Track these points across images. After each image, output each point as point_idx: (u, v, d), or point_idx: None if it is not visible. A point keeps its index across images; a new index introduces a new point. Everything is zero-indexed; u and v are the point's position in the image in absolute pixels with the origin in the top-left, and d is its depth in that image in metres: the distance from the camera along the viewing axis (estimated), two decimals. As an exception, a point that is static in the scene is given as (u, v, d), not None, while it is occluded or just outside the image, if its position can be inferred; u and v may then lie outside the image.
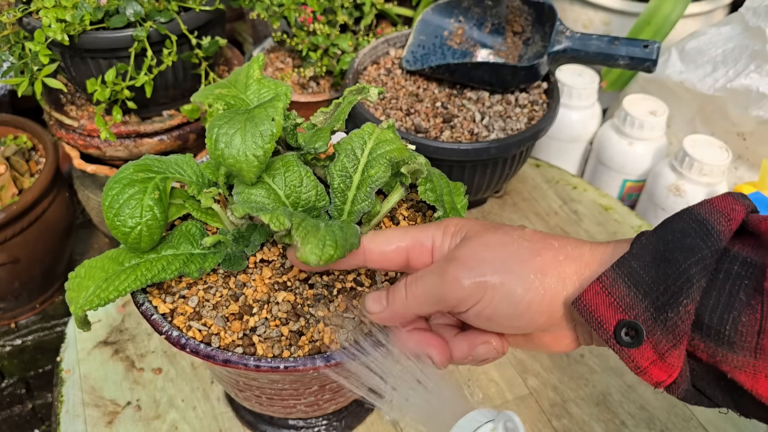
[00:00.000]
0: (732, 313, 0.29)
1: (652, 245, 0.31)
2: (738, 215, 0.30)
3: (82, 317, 0.41)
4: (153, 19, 0.70)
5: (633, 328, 0.30)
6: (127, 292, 0.40)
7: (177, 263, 0.41)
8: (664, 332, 0.30)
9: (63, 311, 0.91)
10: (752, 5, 0.78)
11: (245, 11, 1.08)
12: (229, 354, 0.39)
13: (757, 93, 0.75)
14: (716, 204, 0.31)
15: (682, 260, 0.30)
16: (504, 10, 0.78)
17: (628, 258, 0.31)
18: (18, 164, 0.82)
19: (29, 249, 0.81)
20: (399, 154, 0.42)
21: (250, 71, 0.47)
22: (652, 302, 0.30)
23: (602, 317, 0.31)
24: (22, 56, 0.69)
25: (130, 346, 0.69)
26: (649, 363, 0.30)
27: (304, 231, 0.35)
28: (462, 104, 0.74)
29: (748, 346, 0.28)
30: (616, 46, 0.69)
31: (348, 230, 0.37)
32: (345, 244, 0.35)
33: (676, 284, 0.29)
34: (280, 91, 0.46)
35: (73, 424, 0.62)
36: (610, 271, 0.31)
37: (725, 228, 0.30)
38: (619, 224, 0.82)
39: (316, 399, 0.49)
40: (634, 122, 0.85)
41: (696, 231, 0.30)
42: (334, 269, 0.43)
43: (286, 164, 0.42)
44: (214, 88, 0.46)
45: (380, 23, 0.97)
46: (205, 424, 0.61)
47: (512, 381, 0.65)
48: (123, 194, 0.40)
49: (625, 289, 0.31)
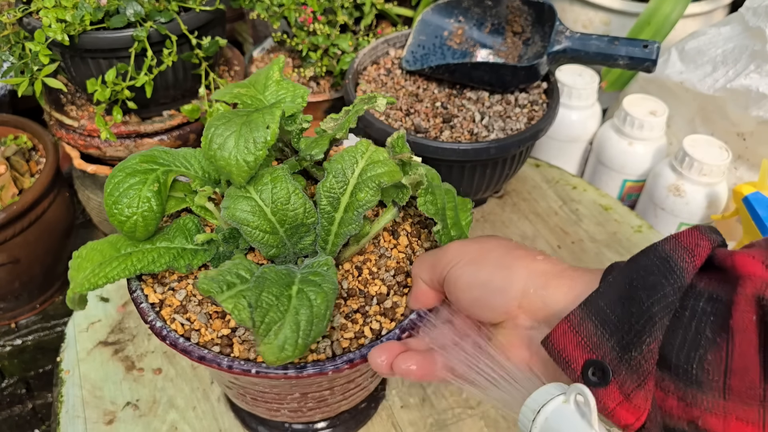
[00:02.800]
0: (698, 351, 0.28)
1: (618, 283, 0.31)
2: (703, 251, 0.30)
3: (74, 298, 0.42)
4: (153, 19, 0.70)
5: (599, 368, 0.30)
6: (116, 280, 0.41)
7: (168, 257, 0.42)
8: (629, 372, 0.29)
9: (63, 311, 0.91)
10: (752, 5, 0.78)
11: (245, 11, 1.08)
12: (205, 352, 0.40)
13: (757, 93, 0.75)
14: (682, 239, 0.31)
15: (645, 298, 0.29)
16: (504, 10, 0.78)
17: (595, 297, 0.31)
18: (18, 164, 0.82)
19: (29, 249, 0.81)
20: (390, 178, 0.41)
21: (270, 72, 0.47)
22: (617, 341, 0.30)
23: (569, 357, 0.31)
24: (23, 56, 0.69)
25: (130, 346, 0.69)
26: (615, 404, 0.30)
27: (265, 328, 0.35)
28: (462, 104, 0.74)
29: (716, 385, 0.28)
30: (616, 46, 0.69)
31: (320, 306, 0.36)
32: (307, 339, 0.35)
33: (639, 323, 0.29)
34: (298, 93, 0.46)
35: (73, 424, 0.62)
36: (578, 310, 0.31)
37: (689, 265, 0.30)
38: (619, 224, 0.82)
39: (299, 406, 0.49)
40: (634, 122, 0.85)
41: (659, 268, 0.30)
42: None
43: (275, 179, 0.41)
44: (234, 86, 0.47)
45: (380, 23, 0.97)
46: (205, 424, 0.61)
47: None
48: (124, 183, 0.41)
49: (593, 328, 0.30)
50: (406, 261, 0.46)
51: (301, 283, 0.38)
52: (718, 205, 0.80)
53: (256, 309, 0.35)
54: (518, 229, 0.82)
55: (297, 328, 0.35)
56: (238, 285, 0.38)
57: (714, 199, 0.80)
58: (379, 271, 0.45)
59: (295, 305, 0.36)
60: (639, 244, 0.79)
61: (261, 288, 0.36)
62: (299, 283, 0.38)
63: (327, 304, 0.36)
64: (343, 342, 0.40)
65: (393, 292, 0.44)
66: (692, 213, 0.81)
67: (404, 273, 0.45)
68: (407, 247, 0.47)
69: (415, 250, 0.47)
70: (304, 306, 0.36)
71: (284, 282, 0.37)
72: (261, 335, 0.34)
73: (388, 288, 0.44)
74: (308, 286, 0.37)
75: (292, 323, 0.35)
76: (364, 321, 0.42)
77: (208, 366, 0.39)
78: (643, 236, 0.80)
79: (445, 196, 0.45)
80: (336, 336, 0.41)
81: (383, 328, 0.41)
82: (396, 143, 0.46)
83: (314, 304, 0.36)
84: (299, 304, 0.36)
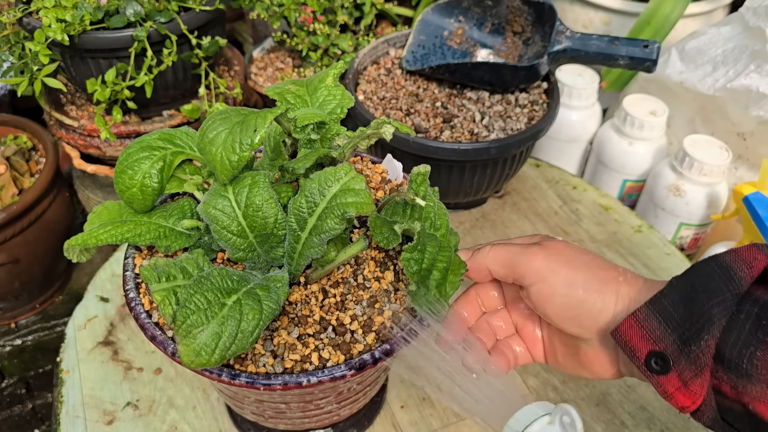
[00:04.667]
0: (749, 348, 0.32)
1: (681, 286, 0.35)
2: (760, 263, 0.34)
3: (68, 248, 0.43)
4: (153, 19, 0.70)
5: (661, 358, 0.34)
6: (103, 243, 0.43)
7: (154, 234, 0.43)
8: (688, 363, 0.34)
9: (63, 311, 0.91)
10: (752, 5, 0.78)
11: (245, 11, 1.08)
12: (158, 333, 0.40)
13: (757, 93, 0.75)
14: (741, 253, 0.35)
15: (705, 301, 0.33)
16: (504, 10, 0.78)
17: (660, 297, 0.35)
18: (18, 164, 0.82)
19: (29, 249, 0.81)
20: (357, 210, 0.38)
21: (324, 76, 0.47)
22: (678, 336, 0.34)
23: (635, 347, 0.35)
24: (22, 56, 0.69)
25: (129, 346, 0.69)
26: (674, 389, 0.34)
27: (186, 330, 0.35)
28: (462, 104, 0.74)
29: (763, 378, 0.32)
30: (616, 46, 0.69)
31: (249, 323, 0.35)
32: (225, 353, 0.35)
33: (700, 322, 0.33)
34: (342, 102, 0.46)
35: (73, 424, 0.62)
36: (644, 307, 0.35)
37: (746, 275, 0.33)
38: (619, 224, 0.82)
39: (281, 411, 0.48)
40: (634, 122, 0.85)
41: (720, 276, 0.34)
42: None
43: (253, 183, 0.41)
44: (289, 82, 0.47)
45: (380, 23, 0.97)
46: (204, 424, 0.61)
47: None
48: (135, 155, 0.43)
49: (656, 323, 0.35)
50: (385, 298, 0.42)
51: (245, 294, 0.37)
52: (718, 205, 0.80)
53: (181, 308, 0.35)
54: (518, 229, 0.82)
55: (217, 339, 0.35)
56: (178, 279, 0.39)
57: (714, 199, 0.80)
58: (347, 301, 0.42)
59: (224, 315, 0.35)
60: (639, 243, 0.79)
61: (197, 289, 0.36)
62: (243, 294, 0.37)
63: (257, 323, 0.36)
64: (287, 362, 0.39)
65: (358, 325, 0.41)
66: (692, 213, 0.81)
67: (377, 309, 0.41)
68: (392, 283, 0.43)
69: (399, 288, 0.43)
70: (233, 319, 0.35)
71: (226, 289, 0.37)
72: (180, 335, 0.35)
73: (351, 319, 0.41)
74: (248, 299, 0.36)
75: (213, 333, 0.35)
76: (315, 347, 0.40)
77: (157, 347, 0.40)
78: (643, 236, 0.80)
79: (439, 253, 0.41)
80: (283, 353, 0.40)
81: (330, 360, 0.39)
82: (416, 179, 0.43)
83: (244, 320, 0.35)
84: (229, 315, 0.35)
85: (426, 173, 0.44)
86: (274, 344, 0.40)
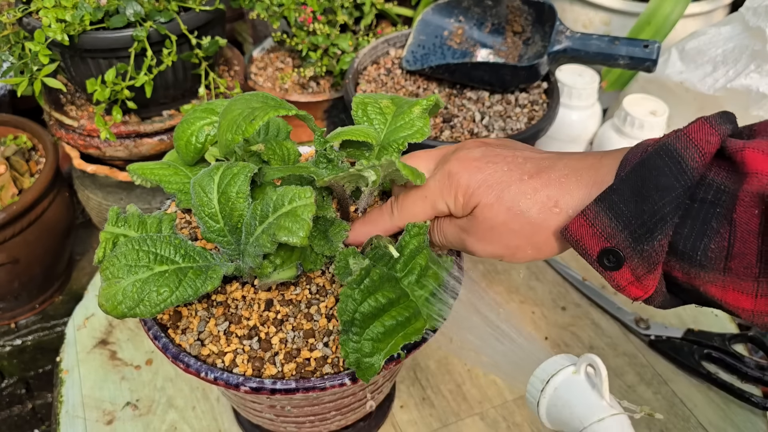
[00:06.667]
0: (703, 240, 0.32)
1: (632, 180, 0.34)
2: (712, 147, 0.32)
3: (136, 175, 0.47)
4: (153, 19, 0.70)
5: (613, 254, 0.34)
6: (148, 176, 0.47)
7: (178, 185, 0.47)
8: (641, 260, 0.34)
9: (63, 311, 0.91)
10: (752, 5, 0.78)
11: (245, 11, 1.08)
12: (160, 333, 0.42)
13: (757, 93, 0.75)
14: (692, 136, 0.33)
15: (657, 199, 0.33)
16: (504, 10, 0.78)
17: (610, 193, 0.34)
18: (18, 164, 0.82)
19: (29, 249, 0.81)
20: (284, 234, 0.36)
21: (415, 103, 0.48)
22: (630, 233, 0.34)
23: (586, 245, 0.35)
24: (22, 56, 0.69)
25: (129, 346, 0.69)
26: (627, 283, 0.35)
27: (105, 276, 0.38)
28: (462, 104, 0.74)
29: (716, 267, 0.32)
30: (616, 46, 0.69)
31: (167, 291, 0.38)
32: (131, 308, 0.37)
33: (652, 221, 0.33)
34: (415, 136, 0.47)
35: (72, 424, 0.62)
36: (593, 205, 0.35)
37: (699, 164, 0.32)
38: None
39: (276, 415, 0.48)
40: (634, 122, 0.85)
41: (671, 169, 0.33)
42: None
43: (234, 174, 0.41)
44: (384, 96, 0.49)
45: (380, 23, 0.97)
46: (204, 424, 0.61)
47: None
48: (193, 114, 0.47)
49: (607, 220, 0.34)
50: (325, 338, 0.40)
51: (174, 270, 0.39)
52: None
53: (111, 259, 0.38)
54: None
55: (124, 296, 0.37)
56: (131, 231, 0.43)
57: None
58: (286, 323, 0.41)
59: (142, 279, 0.38)
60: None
61: (133, 246, 0.39)
62: (173, 269, 0.39)
63: (166, 299, 0.38)
64: (204, 349, 0.41)
65: (284, 349, 0.40)
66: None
67: (309, 345, 0.40)
68: (333, 308, 0.41)
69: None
70: (148, 286, 0.38)
71: (161, 258, 0.40)
72: (102, 279, 0.38)
73: (281, 342, 0.40)
74: (173, 276, 0.39)
75: (123, 289, 0.37)
76: (235, 350, 0.40)
77: (157, 347, 0.41)
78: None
79: (397, 304, 0.38)
80: (205, 339, 0.41)
81: (238, 368, 0.39)
82: (411, 230, 0.42)
83: (157, 291, 0.38)
84: (147, 281, 0.38)
85: (423, 227, 0.42)
86: (207, 327, 0.41)
